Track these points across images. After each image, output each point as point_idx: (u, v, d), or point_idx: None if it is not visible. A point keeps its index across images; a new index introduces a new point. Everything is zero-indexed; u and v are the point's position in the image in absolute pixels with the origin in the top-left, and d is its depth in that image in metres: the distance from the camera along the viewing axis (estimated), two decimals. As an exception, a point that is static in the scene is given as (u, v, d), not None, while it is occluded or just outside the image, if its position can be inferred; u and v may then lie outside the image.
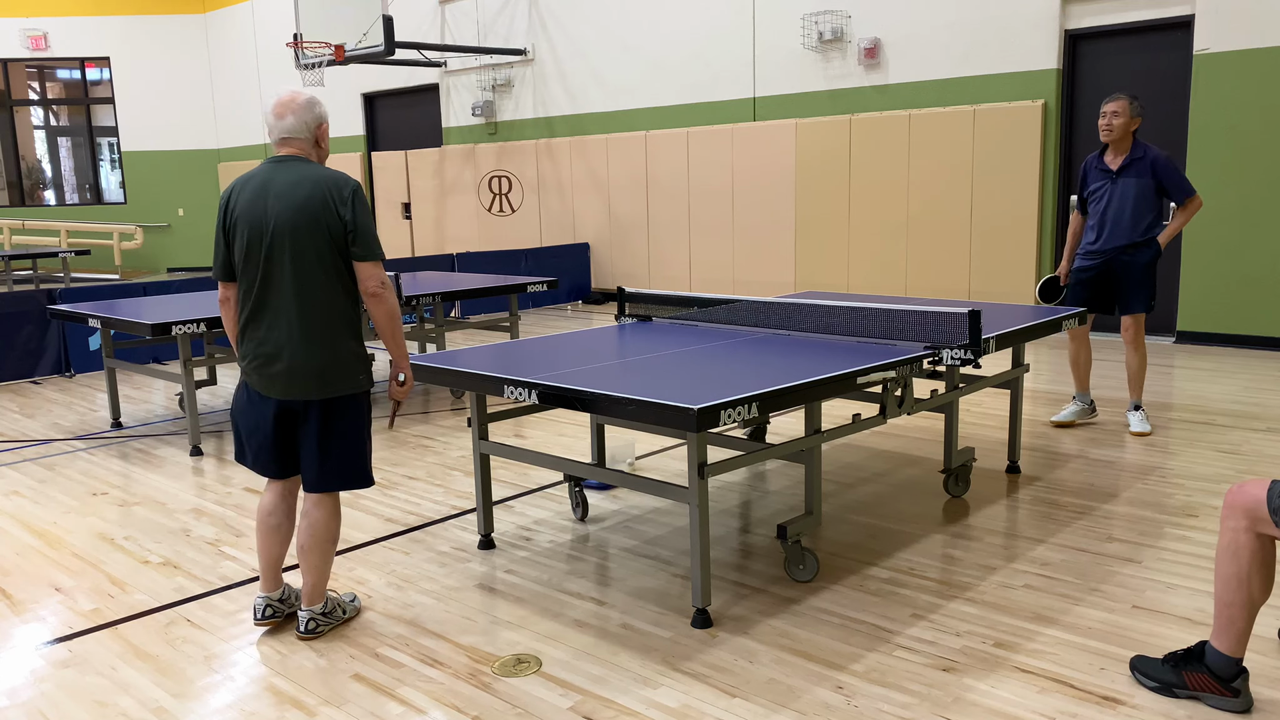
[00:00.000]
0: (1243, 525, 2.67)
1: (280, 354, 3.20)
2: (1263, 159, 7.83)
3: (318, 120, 3.27)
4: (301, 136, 3.25)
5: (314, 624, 3.37)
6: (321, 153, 3.33)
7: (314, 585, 3.37)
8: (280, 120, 3.24)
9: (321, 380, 3.22)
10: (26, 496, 5.12)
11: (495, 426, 6.13)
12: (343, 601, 3.52)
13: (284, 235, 3.15)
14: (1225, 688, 2.73)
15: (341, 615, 3.48)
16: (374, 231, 3.23)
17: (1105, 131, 5.44)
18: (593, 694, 2.95)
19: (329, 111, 3.77)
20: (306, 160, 3.26)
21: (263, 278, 3.19)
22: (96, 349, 8.55)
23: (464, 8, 13.58)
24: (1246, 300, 8.04)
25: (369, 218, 3.21)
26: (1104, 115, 5.45)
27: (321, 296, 3.19)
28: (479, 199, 13.89)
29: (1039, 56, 8.82)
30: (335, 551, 3.47)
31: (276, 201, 3.16)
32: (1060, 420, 5.83)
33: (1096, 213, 5.59)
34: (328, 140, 3.37)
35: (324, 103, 3.37)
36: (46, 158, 18.83)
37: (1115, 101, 5.42)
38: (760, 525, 4.37)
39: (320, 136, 3.31)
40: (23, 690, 3.09)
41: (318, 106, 3.29)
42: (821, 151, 10.22)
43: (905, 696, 2.87)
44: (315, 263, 3.16)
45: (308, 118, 3.24)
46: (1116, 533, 4.12)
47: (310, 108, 3.25)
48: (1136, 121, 5.43)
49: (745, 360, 3.74)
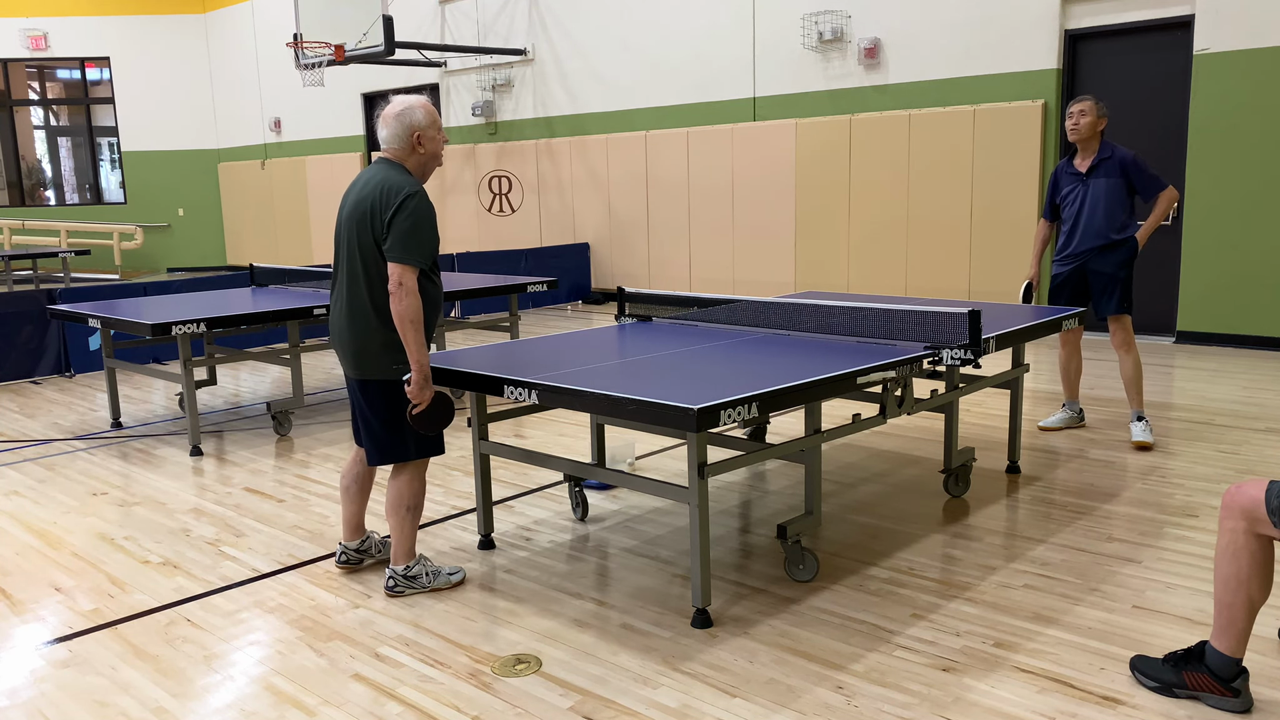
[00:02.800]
0: (1241, 526, 2.67)
1: (332, 329, 3.71)
2: (1262, 159, 7.83)
3: (409, 129, 3.54)
4: (395, 146, 3.57)
5: (393, 582, 3.71)
6: (422, 155, 3.59)
7: (395, 545, 3.72)
8: (381, 132, 3.59)
9: (356, 361, 3.60)
10: (26, 496, 5.12)
11: (495, 426, 6.13)
12: (437, 570, 3.76)
13: (347, 227, 3.57)
14: (1225, 688, 2.73)
15: (428, 583, 3.72)
16: (414, 236, 3.41)
17: (1073, 131, 5.45)
18: (593, 694, 2.95)
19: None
20: (392, 163, 3.57)
21: (334, 261, 3.68)
22: (96, 349, 8.55)
23: (464, 8, 13.58)
24: (1246, 300, 8.04)
25: (412, 222, 3.41)
26: (1070, 116, 5.47)
27: (361, 286, 3.52)
28: (479, 199, 13.90)
29: (1039, 56, 8.82)
30: (415, 519, 3.71)
31: (352, 197, 3.58)
32: (1048, 426, 5.79)
33: (1070, 216, 5.56)
34: (432, 141, 3.59)
35: (427, 105, 3.59)
36: (46, 158, 18.83)
37: (1082, 102, 5.44)
38: (760, 525, 4.37)
39: (418, 141, 3.56)
40: (23, 690, 3.09)
41: (411, 115, 3.54)
42: (821, 151, 10.22)
43: (905, 696, 2.87)
44: (359, 255, 3.52)
45: (397, 129, 3.54)
46: (1116, 533, 4.12)
47: (402, 118, 3.54)
48: (1103, 121, 5.45)
49: (745, 360, 3.74)
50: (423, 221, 3.43)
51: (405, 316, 3.38)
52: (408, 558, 3.72)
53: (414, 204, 3.42)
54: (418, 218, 3.42)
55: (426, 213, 3.46)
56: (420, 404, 3.50)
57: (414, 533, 3.71)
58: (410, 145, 3.56)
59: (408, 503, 3.67)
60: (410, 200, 3.42)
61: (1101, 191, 5.42)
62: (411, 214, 3.41)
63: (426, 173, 3.65)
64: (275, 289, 7.38)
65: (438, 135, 3.60)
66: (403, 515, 3.68)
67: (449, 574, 3.78)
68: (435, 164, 3.66)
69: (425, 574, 3.73)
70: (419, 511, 3.72)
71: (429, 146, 3.59)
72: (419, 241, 3.41)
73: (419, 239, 3.41)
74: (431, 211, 3.49)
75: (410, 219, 3.40)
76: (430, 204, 3.50)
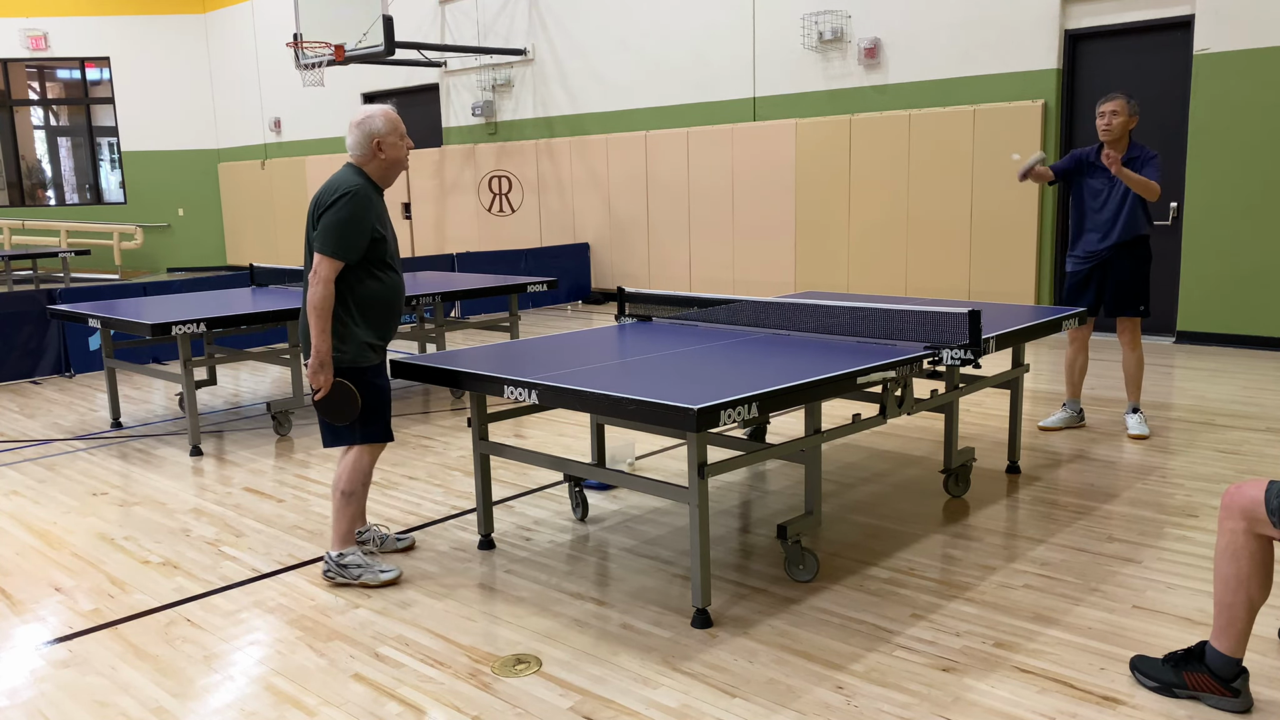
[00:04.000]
0: (1241, 526, 2.66)
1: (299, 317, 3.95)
2: (1263, 159, 7.83)
3: (369, 136, 3.71)
4: (358, 152, 3.74)
5: (327, 566, 3.83)
6: (383, 161, 3.75)
7: (333, 529, 3.85)
8: (347, 140, 3.78)
9: (305, 351, 3.74)
10: (26, 496, 5.12)
11: (495, 426, 6.13)
12: (370, 564, 3.82)
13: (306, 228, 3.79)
14: (1225, 688, 2.73)
15: (358, 574, 3.79)
16: (336, 230, 3.60)
17: (1104, 131, 5.41)
18: (593, 694, 2.95)
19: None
20: (352, 167, 3.77)
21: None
22: (96, 349, 8.55)
23: (464, 8, 13.58)
24: (1246, 300, 8.04)
25: (338, 218, 3.60)
26: (1102, 115, 5.43)
27: (309, 279, 3.68)
28: (479, 199, 13.90)
29: (1039, 56, 8.82)
30: (352, 505, 3.80)
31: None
32: (1048, 426, 5.80)
33: (1096, 211, 5.57)
34: (393, 148, 3.75)
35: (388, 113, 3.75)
36: (46, 158, 18.83)
37: (1113, 101, 5.40)
38: (760, 525, 4.37)
39: (378, 147, 3.72)
40: (23, 690, 3.09)
41: (371, 123, 3.71)
42: (821, 151, 10.22)
43: (905, 696, 2.87)
44: (308, 252, 3.72)
45: (359, 135, 3.72)
46: (1116, 533, 4.12)
47: (363, 126, 3.71)
48: (1134, 120, 5.43)
49: (745, 360, 3.74)
50: (349, 218, 3.60)
51: (313, 303, 3.60)
52: (342, 543, 3.82)
53: (344, 200, 3.61)
54: (344, 214, 3.60)
55: (355, 210, 3.62)
56: (319, 390, 3.65)
57: (350, 519, 3.82)
58: (371, 151, 3.72)
59: (343, 487, 3.79)
60: (343, 198, 3.61)
61: (1131, 190, 5.41)
62: (339, 210, 3.60)
63: (389, 178, 3.82)
64: (275, 289, 7.38)
65: (399, 142, 3.76)
66: (338, 499, 3.80)
67: (381, 570, 3.81)
68: (398, 169, 3.82)
69: (357, 565, 3.80)
70: (355, 498, 3.81)
71: (390, 153, 3.74)
72: (339, 235, 3.59)
73: (340, 233, 3.59)
74: (362, 210, 3.63)
75: (336, 214, 3.60)
76: (364, 203, 3.65)
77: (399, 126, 3.77)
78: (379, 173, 3.77)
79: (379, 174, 3.78)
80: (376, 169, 3.76)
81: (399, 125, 3.77)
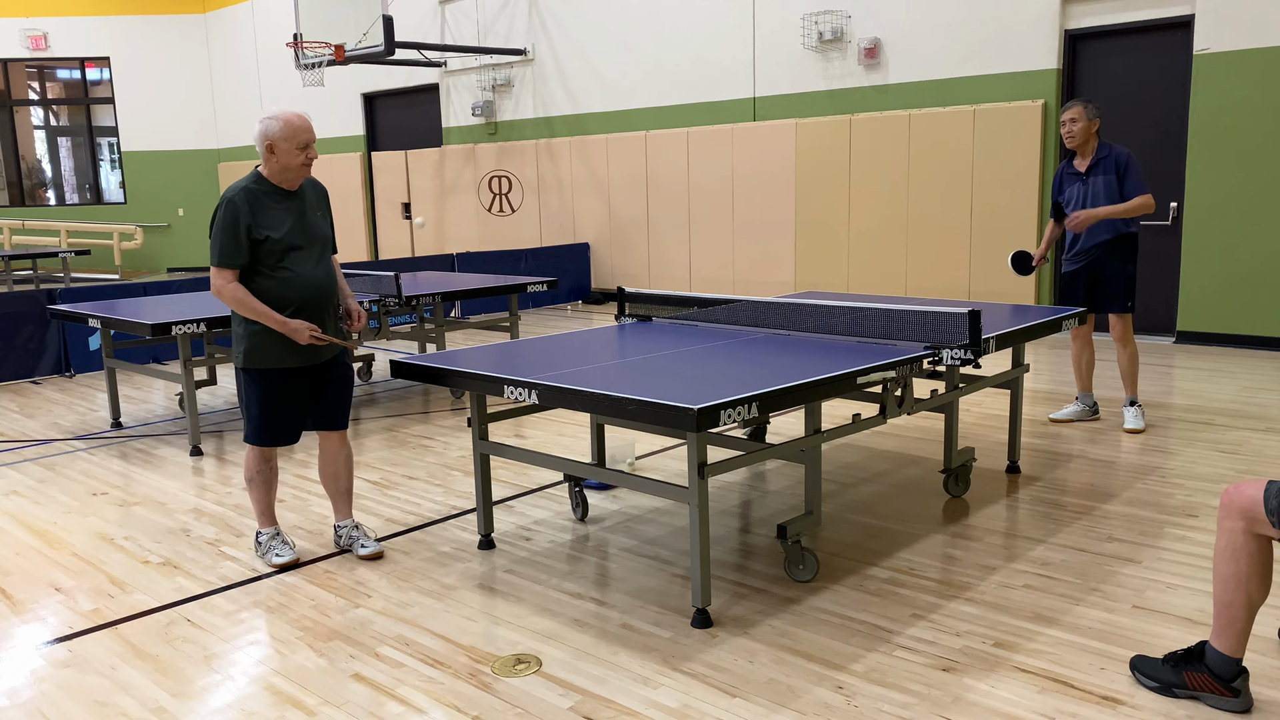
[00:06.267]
0: (1240, 526, 2.67)
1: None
2: (1262, 159, 7.83)
3: (262, 137, 3.77)
4: (258, 151, 3.82)
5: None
6: (274, 162, 3.81)
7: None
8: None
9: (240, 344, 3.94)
10: (26, 496, 5.12)
11: (495, 426, 6.13)
12: (272, 547, 4.07)
13: None
14: (1225, 688, 2.73)
15: (261, 553, 4.09)
16: (213, 240, 3.77)
17: (1068, 138, 5.66)
18: (593, 694, 2.95)
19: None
20: (253, 171, 3.88)
21: None
22: (96, 349, 8.55)
23: (464, 8, 13.58)
24: (1246, 300, 8.04)
25: (213, 227, 3.78)
26: (1063, 124, 5.68)
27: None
28: (479, 199, 13.90)
29: (1039, 56, 8.82)
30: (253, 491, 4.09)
31: None
32: (1059, 418, 5.92)
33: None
34: (285, 153, 3.78)
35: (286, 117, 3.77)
36: (46, 158, 18.83)
37: (1072, 109, 5.63)
38: (760, 525, 4.37)
39: (269, 149, 3.78)
40: (23, 690, 3.09)
41: (267, 125, 3.76)
42: (821, 151, 10.22)
43: (905, 696, 2.87)
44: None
45: (257, 134, 3.79)
46: (1116, 533, 4.12)
47: (261, 125, 3.78)
48: (1095, 123, 5.65)
49: (745, 360, 3.74)
50: (221, 228, 3.75)
51: (232, 306, 3.81)
52: (259, 523, 4.15)
53: (219, 210, 3.78)
54: (217, 224, 3.77)
55: (226, 219, 3.75)
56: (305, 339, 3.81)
57: (255, 503, 4.11)
58: (264, 152, 3.79)
59: (247, 475, 4.10)
60: (218, 209, 3.79)
61: (1102, 188, 5.61)
62: (215, 220, 3.78)
63: (286, 180, 3.86)
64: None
65: (292, 148, 3.77)
66: (247, 486, 4.13)
67: (276, 554, 4.04)
68: (291, 174, 3.83)
69: (260, 544, 4.11)
70: (253, 485, 4.08)
71: (281, 158, 3.79)
72: (214, 244, 3.77)
73: (215, 242, 3.76)
74: (232, 218, 3.75)
75: (214, 224, 3.78)
76: (234, 211, 3.75)
77: (300, 135, 3.75)
78: (274, 174, 3.83)
79: (274, 175, 3.83)
80: (271, 170, 3.83)
81: (300, 134, 3.75)
